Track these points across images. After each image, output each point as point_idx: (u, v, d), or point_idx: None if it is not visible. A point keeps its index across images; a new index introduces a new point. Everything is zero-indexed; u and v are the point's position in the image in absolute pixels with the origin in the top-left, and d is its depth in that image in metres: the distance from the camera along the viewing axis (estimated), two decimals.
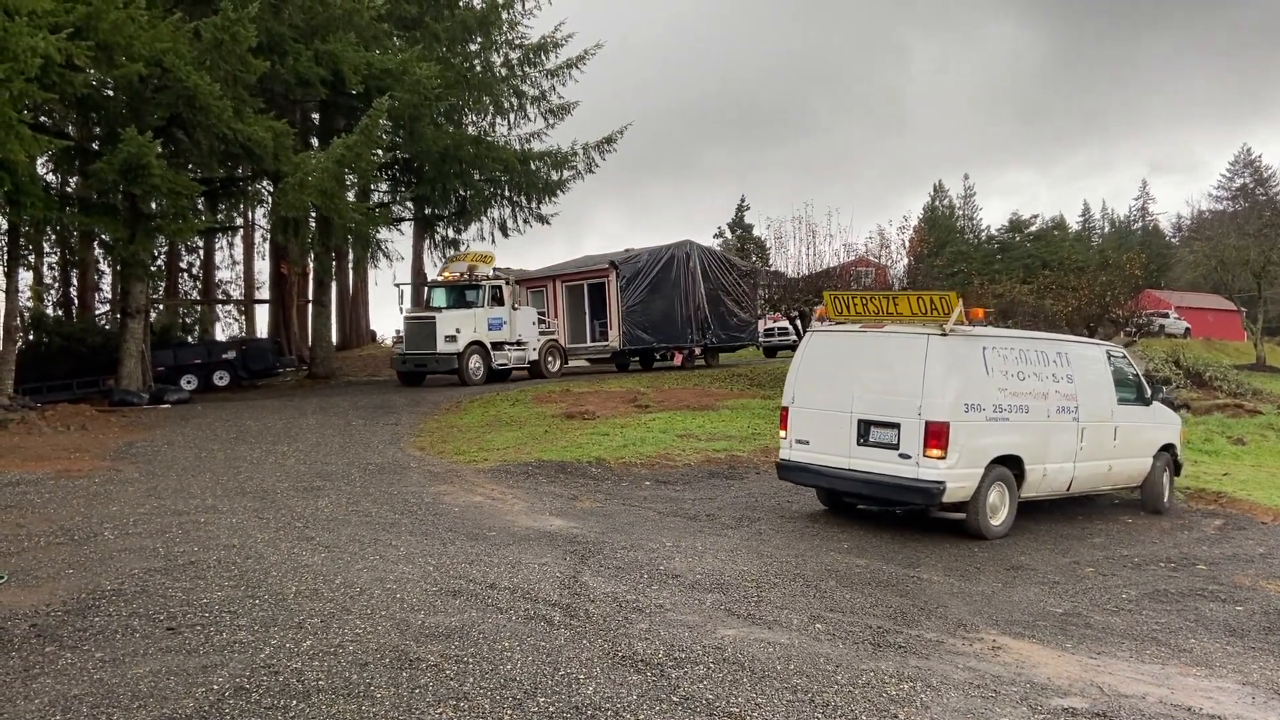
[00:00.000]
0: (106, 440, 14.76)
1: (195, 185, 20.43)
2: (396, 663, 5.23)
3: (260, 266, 40.29)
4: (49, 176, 25.48)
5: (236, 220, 33.93)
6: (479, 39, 27.66)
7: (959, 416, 8.93)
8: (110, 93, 19.81)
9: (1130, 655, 6.29)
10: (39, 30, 15.01)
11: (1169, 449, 11.67)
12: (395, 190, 29.93)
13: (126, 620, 5.91)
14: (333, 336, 32.81)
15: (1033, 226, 77.90)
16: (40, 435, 15.34)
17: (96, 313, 33.89)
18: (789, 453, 10.16)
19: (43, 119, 20.60)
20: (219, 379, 26.35)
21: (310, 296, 32.19)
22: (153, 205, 20.48)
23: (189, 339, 32.86)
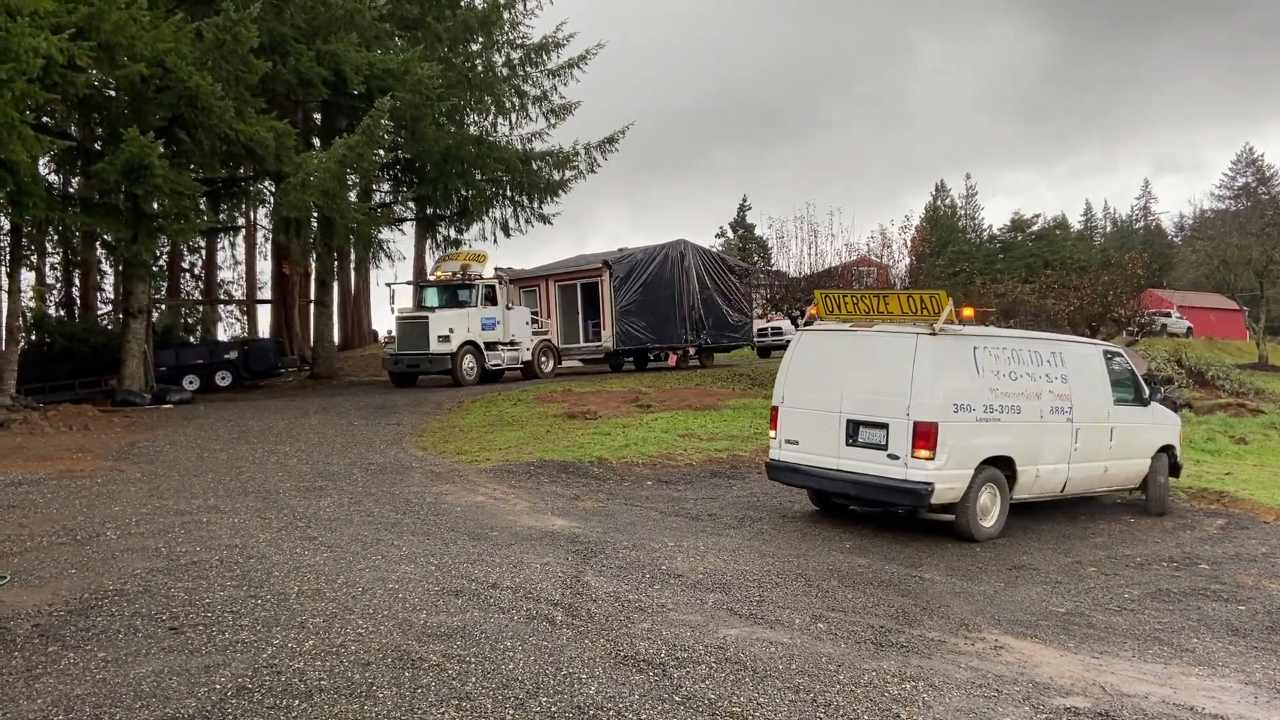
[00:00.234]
0: (109, 440, 14.78)
1: (197, 185, 20.45)
2: (399, 662, 5.24)
3: (262, 267, 40.44)
4: (51, 177, 25.50)
5: (238, 220, 33.93)
6: (480, 39, 27.67)
7: (948, 417, 8.82)
8: (112, 93, 19.85)
9: (1133, 655, 6.28)
10: (41, 31, 15.04)
11: (1168, 450, 11.52)
12: (397, 190, 29.96)
13: (129, 620, 5.91)
14: (335, 336, 32.83)
15: (1035, 226, 77.75)
16: (43, 435, 15.36)
17: (99, 313, 33.92)
18: (778, 452, 10.07)
19: (45, 119, 20.65)
20: (221, 379, 26.38)
21: (312, 296, 32.20)
22: (155, 205, 20.51)
23: (191, 339, 32.97)
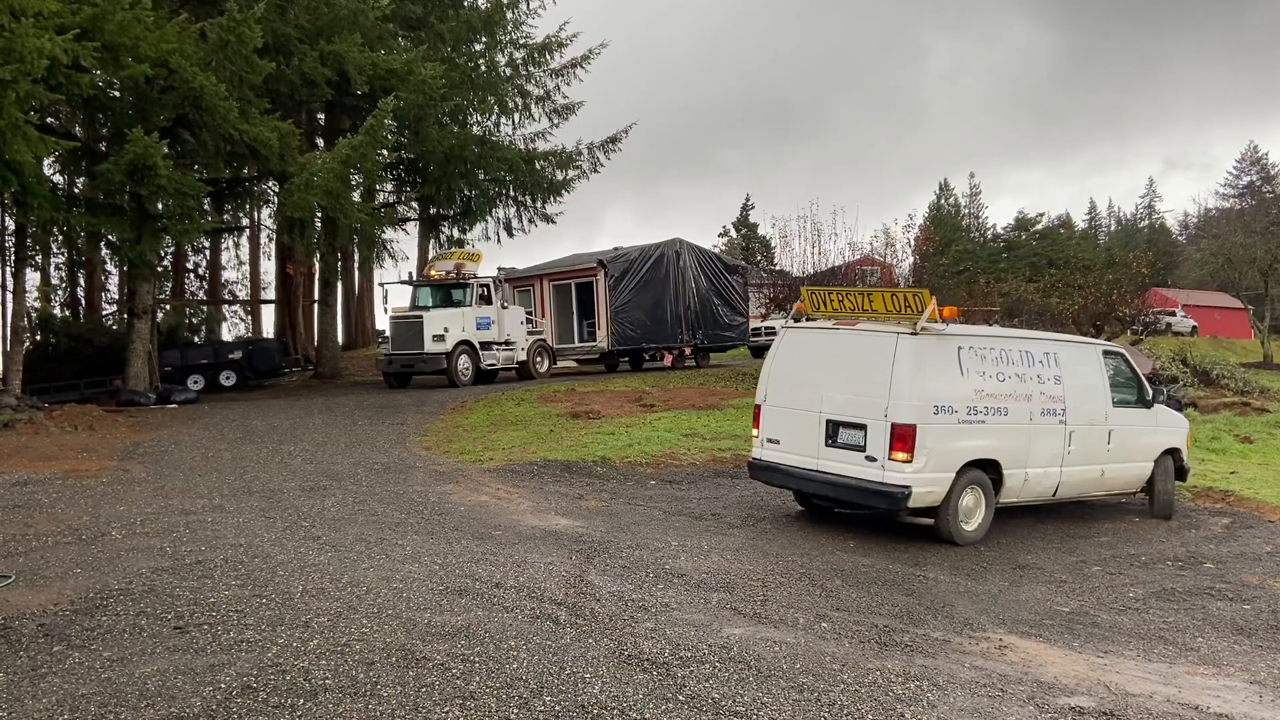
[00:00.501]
0: (113, 440, 14.81)
1: (201, 186, 20.47)
2: (403, 661, 5.24)
3: (266, 267, 40.54)
4: (55, 177, 25.57)
5: (242, 221, 33.98)
6: (484, 39, 27.67)
7: (927, 419, 8.57)
8: (116, 93, 19.88)
9: (1137, 654, 6.27)
10: (45, 31, 15.07)
11: (1173, 454, 11.08)
12: (400, 190, 29.98)
13: (134, 619, 5.93)
14: (339, 336, 32.84)
15: (1038, 225, 77.62)
16: (47, 435, 15.39)
17: (103, 313, 34.05)
18: (760, 451, 9.93)
19: (49, 120, 20.70)
20: (225, 379, 26.42)
21: (316, 297, 32.24)
22: (159, 206, 20.51)
23: (195, 339, 32.99)
